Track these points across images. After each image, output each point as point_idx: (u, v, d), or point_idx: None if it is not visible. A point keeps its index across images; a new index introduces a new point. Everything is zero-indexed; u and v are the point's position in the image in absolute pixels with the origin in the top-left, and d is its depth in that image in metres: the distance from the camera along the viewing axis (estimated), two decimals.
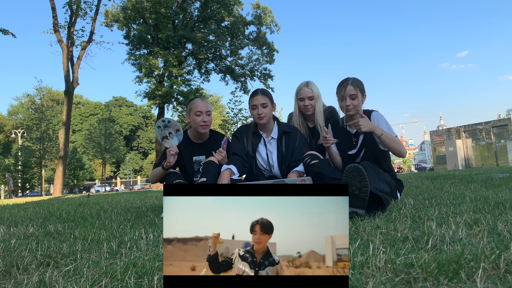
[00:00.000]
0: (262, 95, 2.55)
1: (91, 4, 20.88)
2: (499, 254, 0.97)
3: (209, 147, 2.81)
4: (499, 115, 43.47)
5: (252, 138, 2.64)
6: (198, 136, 2.84)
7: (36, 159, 35.80)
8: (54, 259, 1.35)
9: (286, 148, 2.57)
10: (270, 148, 2.62)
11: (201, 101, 2.77)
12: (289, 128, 2.65)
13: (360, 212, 1.91)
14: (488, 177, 4.53)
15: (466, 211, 1.86)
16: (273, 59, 25.04)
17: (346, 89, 2.42)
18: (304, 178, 2.23)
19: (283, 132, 2.61)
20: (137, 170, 62.88)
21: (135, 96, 50.57)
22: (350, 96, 2.41)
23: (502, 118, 20.99)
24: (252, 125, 2.70)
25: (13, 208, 4.80)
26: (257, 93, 2.57)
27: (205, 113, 2.72)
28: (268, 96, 2.58)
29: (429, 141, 37.11)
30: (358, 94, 2.42)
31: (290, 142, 2.58)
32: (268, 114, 2.56)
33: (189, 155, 2.83)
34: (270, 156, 2.61)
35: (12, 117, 55.98)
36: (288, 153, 2.56)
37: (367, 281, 0.88)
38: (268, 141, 2.63)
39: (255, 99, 2.55)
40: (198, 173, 2.78)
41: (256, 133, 2.65)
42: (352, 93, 2.41)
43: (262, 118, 2.54)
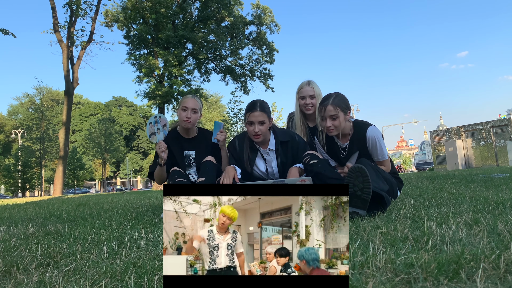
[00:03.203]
0: (260, 111, 2.38)
1: (91, 4, 20.89)
2: (499, 254, 0.97)
3: (198, 142, 2.89)
4: (499, 115, 43.47)
5: (248, 152, 2.54)
6: (185, 132, 2.89)
7: (36, 159, 35.78)
8: (54, 259, 1.35)
9: (285, 157, 2.52)
10: (268, 159, 2.56)
11: (191, 97, 2.81)
12: (286, 136, 2.55)
13: (361, 213, 1.91)
14: (488, 177, 4.53)
15: (466, 211, 1.86)
16: (273, 59, 25.06)
17: (326, 110, 2.29)
18: (304, 178, 2.23)
19: (280, 143, 2.52)
20: (137, 170, 62.85)
21: (135, 96, 50.72)
22: (331, 117, 2.29)
23: (502, 118, 20.98)
24: (247, 137, 2.57)
25: (13, 208, 4.79)
26: (255, 109, 2.39)
27: (191, 110, 2.75)
28: (267, 112, 2.43)
29: (429, 141, 37.13)
30: (339, 114, 2.28)
31: (289, 151, 2.51)
32: (265, 132, 2.42)
33: (179, 150, 2.88)
34: (269, 166, 2.57)
35: (12, 117, 55.99)
36: (288, 162, 2.52)
37: (367, 281, 0.88)
38: (266, 152, 2.55)
39: (253, 116, 2.38)
40: (189, 167, 2.85)
41: (252, 147, 2.54)
42: (332, 114, 2.28)
43: (259, 137, 2.41)
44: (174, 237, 0.88)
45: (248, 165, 2.54)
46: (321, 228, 0.81)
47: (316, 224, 0.81)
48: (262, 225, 0.85)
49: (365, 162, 2.08)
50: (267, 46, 24.78)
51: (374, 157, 2.42)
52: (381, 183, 2.06)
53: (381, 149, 2.39)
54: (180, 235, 0.88)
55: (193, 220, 0.88)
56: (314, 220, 0.81)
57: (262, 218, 0.88)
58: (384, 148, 2.42)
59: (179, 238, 0.87)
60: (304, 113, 2.96)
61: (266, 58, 24.92)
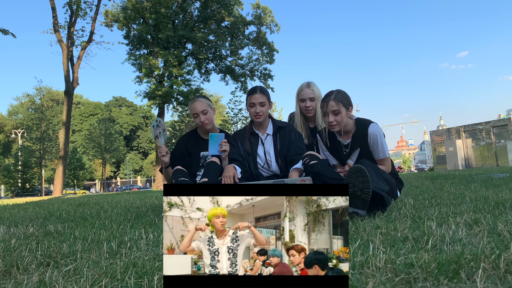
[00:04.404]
0: (260, 93, 2.56)
1: (91, 4, 20.91)
2: (499, 254, 0.97)
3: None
4: (499, 115, 43.43)
5: (250, 138, 2.67)
6: (204, 133, 2.92)
7: (36, 159, 35.80)
8: (54, 259, 1.35)
9: (281, 142, 2.61)
10: (266, 146, 2.64)
11: (196, 101, 2.84)
12: (283, 123, 2.70)
13: (361, 213, 1.91)
14: (488, 177, 4.53)
15: (466, 211, 1.86)
16: (273, 59, 25.07)
17: (328, 105, 2.33)
18: (304, 178, 2.22)
19: (277, 128, 2.64)
20: (137, 170, 62.87)
21: (135, 96, 50.79)
22: (333, 112, 2.32)
23: (502, 118, 20.98)
24: (248, 126, 2.73)
25: (13, 208, 4.80)
26: (255, 91, 2.58)
27: (201, 112, 2.78)
28: (266, 94, 2.60)
29: (429, 141, 37.12)
30: (341, 109, 2.32)
31: (285, 136, 2.61)
32: (265, 113, 2.59)
33: (198, 151, 2.90)
34: (267, 153, 2.63)
35: (12, 117, 55.99)
36: (284, 147, 2.59)
37: (367, 281, 0.88)
38: (264, 138, 2.65)
39: (254, 98, 2.56)
40: (202, 168, 2.83)
41: (253, 133, 2.68)
42: (335, 109, 2.31)
43: (260, 117, 2.57)
44: (180, 239, 0.92)
45: (250, 148, 2.62)
46: (304, 232, 0.93)
47: (299, 228, 0.92)
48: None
49: (365, 163, 2.08)
50: (267, 46, 24.79)
51: (375, 154, 2.43)
52: (381, 184, 2.06)
53: (382, 147, 2.40)
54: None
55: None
56: (297, 225, 0.92)
57: (256, 222, 0.95)
58: (385, 145, 2.43)
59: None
60: (304, 115, 2.96)
61: (266, 58, 24.93)
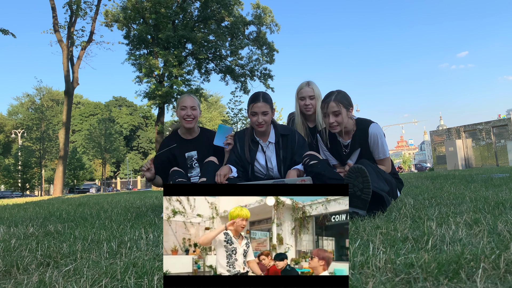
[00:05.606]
0: (263, 102, 2.45)
1: (91, 4, 20.88)
2: (499, 254, 0.97)
3: (200, 143, 2.87)
4: (499, 115, 43.43)
5: (249, 145, 2.57)
6: (187, 132, 2.89)
7: (36, 159, 35.77)
8: (54, 259, 1.35)
9: (284, 150, 2.53)
10: (268, 153, 2.57)
11: (187, 96, 2.83)
12: (286, 130, 2.59)
13: (361, 213, 1.91)
14: (488, 177, 4.53)
15: (466, 211, 1.86)
16: (273, 59, 25.04)
17: (328, 106, 2.32)
18: (304, 178, 2.23)
19: (280, 136, 2.55)
20: (137, 170, 62.80)
21: (135, 96, 50.63)
22: (333, 113, 2.32)
23: (502, 118, 20.98)
24: (248, 131, 2.62)
25: (13, 208, 4.79)
26: (258, 100, 2.46)
27: (190, 108, 2.78)
28: (269, 102, 2.49)
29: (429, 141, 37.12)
30: (341, 110, 2.32)
31: (289, 145, 2.53)
32: (268, 122, 2.48)
33: (182, 152, 2.87)
34: (269, 161, 2.57)
35: (12, 117, 55.97)
36: (287, 156, 2.53)
37: (367, 281, 0.88)
38: (266, 146, 2.57)
39: (256, 106, 2.44)
40: (191, 169, 2.84)
41: (253, 140, 2.57)
42: (335, 110, 2.31)
43: (262, 126, 2.47)
44: (182, 242, 0.94)
45: (248, 155, 2.55)
46: (291, 235, 1.01)
47: (287, 232, 1.00)
48: (250, 231, 1.00)
49: (365, 163, 2.08)
50: (267, 46, 24.76)
51: (375, 154, 2.43)
52: (382, 184, 2.06)
53: (382, 147, 2.40)
54: (187, 240, 0.96)
55: (197, 229, 0.99)
56: (284, 230, 1.00)
57: (251, 226, 1.01)
58: (385, 145, 2.43)
59: (186, 243, 0.95)
60: (304, 114, 2.96)
61: (266, 58, 24.90)
